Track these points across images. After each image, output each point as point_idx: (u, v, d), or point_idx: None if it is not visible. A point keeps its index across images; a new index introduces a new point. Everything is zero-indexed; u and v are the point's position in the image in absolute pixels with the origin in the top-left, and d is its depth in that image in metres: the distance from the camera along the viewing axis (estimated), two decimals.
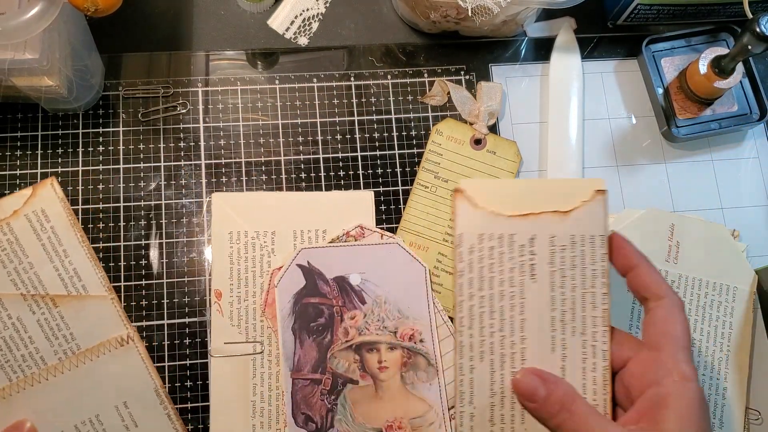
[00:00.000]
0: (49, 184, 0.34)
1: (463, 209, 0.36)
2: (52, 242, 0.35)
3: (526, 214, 0.36)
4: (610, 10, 0.57)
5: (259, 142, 0.51)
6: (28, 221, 0.34)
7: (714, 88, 0.51)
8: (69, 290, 0.35)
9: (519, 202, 0.36)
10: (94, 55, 0.50)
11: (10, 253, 0.33)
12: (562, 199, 0.36)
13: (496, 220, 0.36)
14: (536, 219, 0.36)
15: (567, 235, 0.36)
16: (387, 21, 0.56)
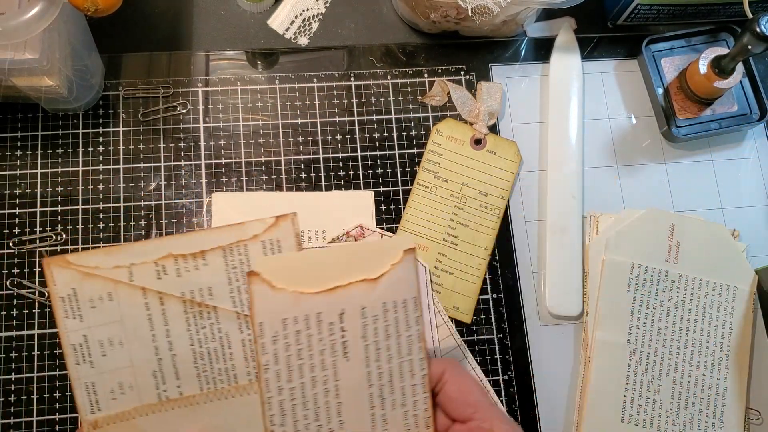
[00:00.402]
0: (290, 219, 0.34)
1: (260, 294, 0.32)
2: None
3: (332, 288, 0.33)
4: (610, 10, 0.57)
5: (259, 142, 0.51)
6: (262, 247, 0.35)
7: (714, 88, 0.51)
8: None
9: (323, 274, 0.33)
10: (94, 55, 0.50)
11: (239, 272, 0.35)
12: (369, 264, 0.33)
13: (299, 301, 0.33)
14: (344, 291, 0.33)
15: (378, 303, 0.33)
16: (387, 21, 0.56)
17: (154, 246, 0.34)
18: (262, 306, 0.33)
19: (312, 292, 0.33)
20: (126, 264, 0.34)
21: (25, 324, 0.46)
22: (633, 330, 0.48)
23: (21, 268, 0.47)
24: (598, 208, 0.52)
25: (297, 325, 0.33)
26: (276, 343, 0.33)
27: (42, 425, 0.44)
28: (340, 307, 0.33)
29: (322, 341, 0.33)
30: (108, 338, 0.34)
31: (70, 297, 0.34)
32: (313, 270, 0.33)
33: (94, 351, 0.34)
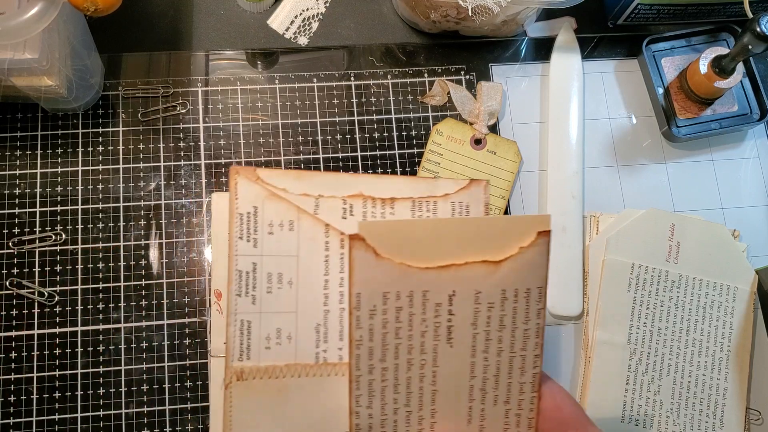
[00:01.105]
0: (483, 185, 0.32)
1: (362, 261, 0.28)
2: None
3: (445, 265, 0.28)
4: (610, 10, 0.57)
5: (259, 142, 0.51)
6: (451, 208, 0.31)
7: (714, 88, 0.51)
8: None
9: (437, 249, 0.28)
10: (93, 55, 0.50)
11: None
12: (493, 244, 0.29)
13: (406, 275, 0.28)
14: (458, 271, 0.28)
15: (497, 289, 0.29)
16: (387, 21, 0.56)
17: (347, 181, 0.31)
18: (362, 275, 0.28)
19: (421, 266, 0.28)
20: (315, 194, 0.30)
21: (24, 324, 0.46)
22: (633, 330, 0.48)
23: (21, 268, 0.47)
24: (598, 208, 0.52)
25: (399, 301, 0.28)
26: (373, 318, 0.28)
27: (42, 425, 0.44)
28: (451, 287, 0.29)
29: (425, 322, 0.29)
30: (278, 273, 0.30)
31: (250, 216, 0.30)
32: (426, 242, 0.28)
33: (260, 284, 0.30)
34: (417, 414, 0.30)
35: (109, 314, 0.47)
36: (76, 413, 0.45)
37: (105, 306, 0.47)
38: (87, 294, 0.47)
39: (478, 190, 0.32)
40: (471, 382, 0.30)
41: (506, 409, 0.30)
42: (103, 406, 0.45)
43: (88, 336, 0.46)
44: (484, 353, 0.30)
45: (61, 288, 0.47)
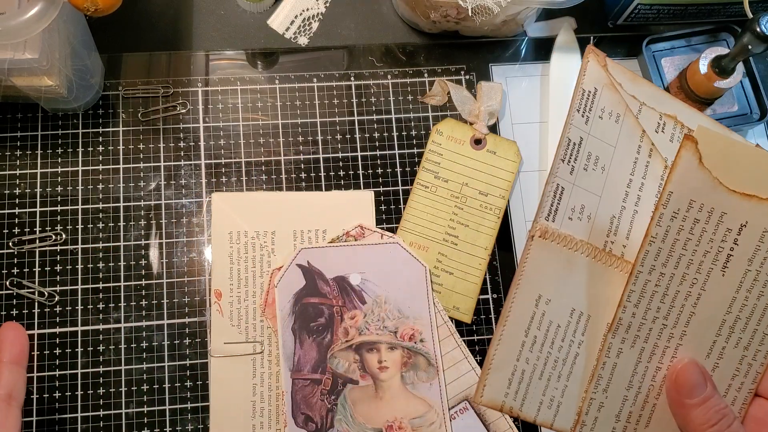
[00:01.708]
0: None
1: (686, 163, 0.29)
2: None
3: (750, 194, 0.29)
4: (610, 10, 0.57)
5: (259, 142, 0.51)
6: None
7: (714, 88, 0.51)
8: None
9: (749, 176, 0.30)
10: (94, 55, 0.50)
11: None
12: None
13: (715, 190, 0.29)
14: (758, 205, 0.29)
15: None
16: (387, 21, 0.56)
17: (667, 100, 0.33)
18: (681, 175, 0.29)
19: (731, 188, 0.29)
20: (641, 99, 0.32)
21: (25, 324, 0.46)
22: None
23: (21, 268, 0.47)
24: None
25: (700, 213, 0.30)
26: (673, 220, 0.30)
27: (42, 425, 0.44)
28: (745, 217, 0.30)
29: (711, 243, 0.30)
30: (596, 156, 0.32)
31: (590, 95, 0.32)
32: (745, 167, 0.29)
33: (581, 159, 0.32)
34: (669, 330, 0.31)
35: (109, 314, 0.47)
36: (76, 413, 0.45)
37: (105, 306, 0.47)
38: (87, 294, 0.47)
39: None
40: (725, 317, 0.31)
41: (742, 354, 0.31)
42: (103, 406, 0.45)
43: (88, 336, 0.46)
44: (747, 292, 0.31)
45: (61, 288, 0.47)
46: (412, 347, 0.46)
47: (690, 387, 0.30)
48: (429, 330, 0.47)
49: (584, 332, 0.32)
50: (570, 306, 0.32)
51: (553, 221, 0.32)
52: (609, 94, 0.32)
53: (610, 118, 0.32)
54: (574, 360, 0.32)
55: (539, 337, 0.32)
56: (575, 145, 0.32)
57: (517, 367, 0.32)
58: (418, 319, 0.47)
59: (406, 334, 0.47)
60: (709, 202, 0.30)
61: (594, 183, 0.32)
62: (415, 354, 0.46)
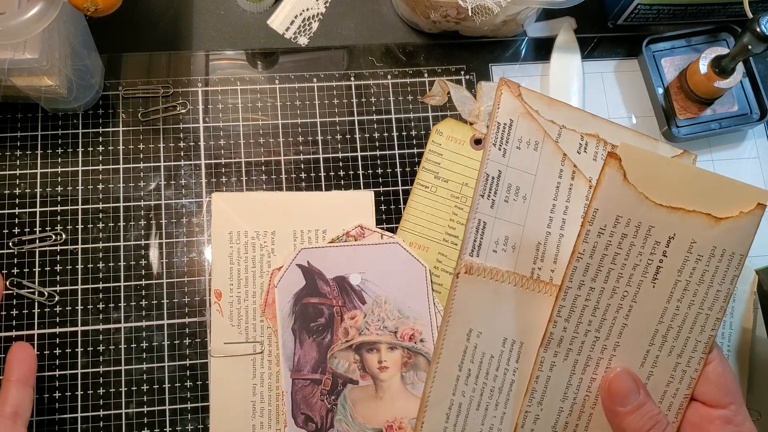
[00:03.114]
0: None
1: (610, 180, 0.29)
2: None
3: (676, 207, 0.30)
4: (610, 10, 0.57)
5: (259, 142, 0.51)
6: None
7: (714, 88, 0.51)
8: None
9: (673, 190, 0.30)
10: (94, 55, 0.50)
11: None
12: (719, 201, 0.31)
13: (641, 205, 0.30)
14: (683, 216, 0.30)
15: (709, 244, 0.31)
16: (387, 21, 0.56)
17: (588, 119, 0.33)
18: (606, 192, 0.30)
19: (656, 202, 0.30)
20: (559, 123, 0.33)
21: (24, 324, 0.46)
22: None
23: (21, 268, 0.47)
24: None
25: (627, 228, 0.30)
26: (600, 236, 0.30)
27: (42, 425, 0.44)
28: (673, 230, 0.30)
29: (641, 256, 0.31)
30: (516, 186, 0.33)
31: (505, 127, 0.33)
32: (666, 180, 0.30)
33: (501, 192, 0.33)
34: (602, 342, 0.31)
35: (109, 314, 0.47)
36: (76, 413, 0.45)
37: (105, 306, 0.47)
38: (87, 294, 0.47)
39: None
40: (657, 327, 0.31)
41: (676, 362, 0.32)
42: (103, 406, 0.45)
43: (88, 336, 0.46)
44: (678, 301, 0.31)
45: (61, 288, 0.47)
46: (412, 347, 0.46)
47: (623, 395, 0.31)
48: (429, 330, 0.47)
49: (518, 359, 0.33)
50: (502, 336, 0.33)
51: (478, 256, 0.33)
52: (525, 123, 0.33)
53: (528, 147, 0.33)
54: (510, 387, 0.33)
55: (473, 369, 0.33)
56: (494, 179, 0.33)
57: (454, 401, 0.33)
58: (418, 319, 0.47)
59: (406, 334, 0.47)
60: (636, 217, 0.30)
61: (516, 213, 0.33)
62: (415, 354, 0.46)
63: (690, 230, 0.31)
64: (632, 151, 0.29)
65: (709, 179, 0.31)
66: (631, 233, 0.30)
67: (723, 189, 0.31)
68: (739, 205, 0.31)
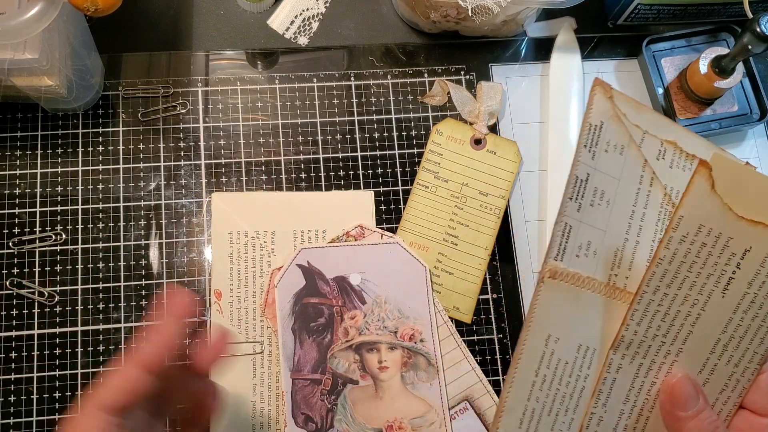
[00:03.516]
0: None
1: (699, 188, 0.29)
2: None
3: (757, 221, 0.30)
4: (610, 10, 0.57)
5: (259, 142, 0.51)
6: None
7: (714, 88, 0.51)
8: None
9: (758, 203, 0.30)
10: (94, 55, 0.50)
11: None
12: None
13: (724, 216, 0.30)
14: (764, 231, 0.30)
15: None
16: (387, 21, 0.56)
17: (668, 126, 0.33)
18: (693, 201, 0.29)
19: (738, 214, 0.30)
20: (643, 128, 0.32)
21: (24, 324, 0.46)
22: None
23: (21, 268, 0.47)
24: None
25: (708, 237, 0.30)
26: (682, 243, 0.30)
27: (42, 425, 0.44)
28: (750, 243, 0.30)
29: (716, 266, 0.31)
30: (602, 190, 0.32)
31: (596, 129, 0.32)
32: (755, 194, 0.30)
33: (587, 195, 0.32)
34: (667, 347, 0.32)
35: (109, 314, 0.47)
36: (76, 413, 0.45)
37: (105, 306, 0.47)
38: (87, 294, 0.47)
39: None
40: (720, 336, 0.32)
41: (732, 371, 0.32)
42: None
43: (88, 336, 0.46)
44: (744, 313, 0.31)
45: (61, 288, 0.47)
46: (412, 347, 0.46)
47: (684, 400, 0.31)
48: (429, 330, 0.47)
49: (590, 366, 0.33)
50: (577, 342, 0.33)
51: (562, 260, 0.32)
52: (614, 126, 0.32)
53: (615, 151, 0.33)
54: (580, 393, 0.33)
55: (548, 375, 0.33)
56: (582, 182, 0.32)
57: (528, 406, 0.33)
58: (418, 319, 0.47)
59: (406, 334, 0.47)
60: (718, 227, 0.30)
61: (599, 217, 0.33)
62: (415, 354, 0.46)
63: (766, 245, 0.31)
64: (723, 162, 0.29)
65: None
66: (711, 243, 0.30)
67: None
68: None
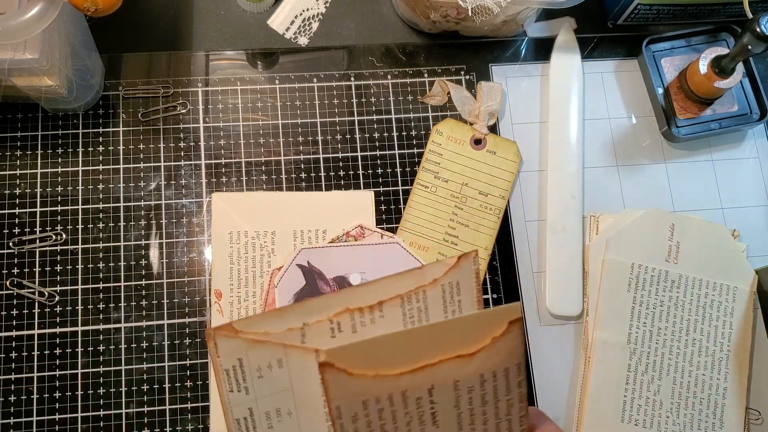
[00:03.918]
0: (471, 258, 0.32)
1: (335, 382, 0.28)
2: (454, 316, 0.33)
3: (419, 368, 0.29)
4: (610, 10, 0.57)
5: (259, 142, 0.51)
6: (441, 292, 0.32)
7: (714, 88, 0.51)
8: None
9: (407, 355, 0.29)
10: (94, 55, 0.50)
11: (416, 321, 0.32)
12: (465, 339, 0.29)
13: (381, 383, 0.28)
14: (432, 370, 0.29)
15: (475, 375, 0.29)
16: (387, 21, 0.56)
17: (329, 301, 0.31)
18: (338, 392, 0.28)
19: (395, 373, 0.29)
20: (298, 325, 0.31)
21: (25, 324, 0.46)
22: (633, 330, 0.48)
23: (21, 268, 0.47)
24: (598, 208, 0.52)
25: (379, 404, 0.29)
26: (356, 421, 0.29)
27: (42, 425, 0.44)
28: (429, 383, 0.29)
29: (408, 414, 0.29)
30: (276, 409, 0.31)
31: (236, 368, 0.31)
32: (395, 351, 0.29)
33: (260, 424, 0.31)
34: None
35: (109, 314, 0.47)
36: (76, 413, 0.45)
37: (105, 306, 0.47)
38: (87, 294, 0.47)
39: (467, 264, 0.32)
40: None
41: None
42: (103, 406, 0.45)
43: (88, 336, 0.46)
44: (471, 425, 0.30)
45: (61, 288, 0.47)
46: None
47: None
48: None
49: None
50: None
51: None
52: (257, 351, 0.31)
53: (272, 369, 0.31)
54: None
55: None
56: (247, 419, 0.31)
57: None
58: None
59: None
60: (384, 391, 0.29)
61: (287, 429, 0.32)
62: None
63: (447, 375, 0.29)
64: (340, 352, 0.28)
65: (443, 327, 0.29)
66: (387, 404, 0.29)
67: (463, 327, 0.29)
68: (489, 332, 0.29)
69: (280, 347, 0.31)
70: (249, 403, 0.31)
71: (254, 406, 0.31)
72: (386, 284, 0.32)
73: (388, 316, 0.32)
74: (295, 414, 0.32)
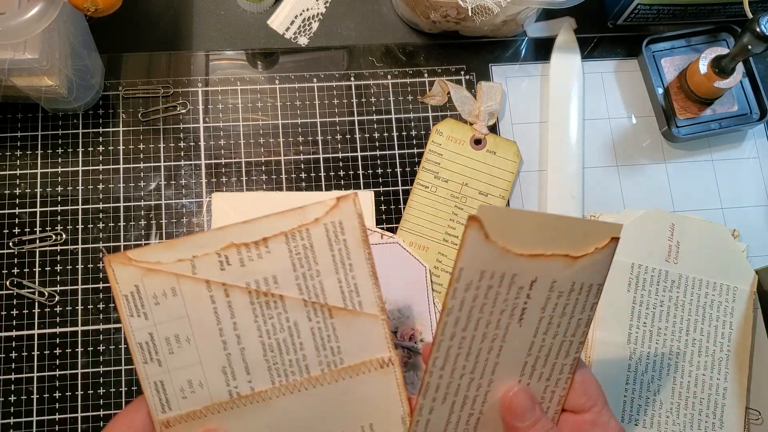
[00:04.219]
0: (351, 199, 0.34)
1: (473, 241, 0.30)
2: (341, 254, 0.35)
3: (535, 254, 0.32)
4: (610, 10, 0.57)
5: (259, 142, 0.51)
6: (325, 230, 0.34)
7: (714, 88, 0.51)
8: (346, 304, 0.35)
9: (533, 238, 0.32)
10: (94, 55, 0.50)
11: (303, 258, 0.34)
12: (575, 241, 0.32)
13: (503, 258, 0.31)
14: (543, 261, 0.32)
15: (568, 281, 0.33)
16: (387, 21, 0.56)
17: (215, 236, 0.33)
18: (469, 253, 0.30)
19: (517, 253, 0.31)
20: (188, 257, 0.33)
21: (25, 324, 0.46)
22: (633, 330, 0.48)
23: (21, 268, 0.47)
24: (598, 208, 0.52)
25: (492, 280, 0.32)
26: (467, 291, 0.31)
27: (42, 425, 0.44)
28: (534, 274, 0.32)
29: (506, 302, 0.32)
30: (174, 335, 0.33)
31: (134, 294, 0.33)
32: (527, 231, 0.32)
33: (161, 349, 0.33)
34: (477, 382, 0.33)
35: (109, 314, 0.47)
36: (76, 413, 0.45)
37: (105, 306, 0.47)
38: (87, 294, 0.47)
39: (347, 206, 0.34)
40: (526, 359, 0.34)
41: (546, 385, 0.34)
42: (103, 406, 0.45)
43: (88, 336, 0.46)
44: (544, 335, 0.33)
45: (61, 288, 0.47)
46: (412, 347, 0.46)
47: (522, 412, 0.33)
48: (429, 330, 0.47)
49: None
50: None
51: (171, 410, 0.33)
52: (151, 279, 0.33)
53: (167, 297, 0.33)
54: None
55: None
56: (148, 344, 0.34)
57: None
58: (418, 319, 0.47)
59: (406, 335, 0.47)
60: (500, 269, 0.31)
61: (188, 356, 0.34)
62: (415, 354, 0.46)
63: (550, 272, 0.32)
64: (492, 212, 0.30)
65: (566, 223, 0.33)
66: (497, 284, 0.32)
67: (579, 230, 0.33)
68: (594, 242, 0.33)
69: (172, 276, 0.33)
70: (149, 328, 0.33)
71: (154, 331, 0.33)
72: (269, 222, 0.34)
73: (275, 252, 0.34)
74: (194, 341, 0.34)
